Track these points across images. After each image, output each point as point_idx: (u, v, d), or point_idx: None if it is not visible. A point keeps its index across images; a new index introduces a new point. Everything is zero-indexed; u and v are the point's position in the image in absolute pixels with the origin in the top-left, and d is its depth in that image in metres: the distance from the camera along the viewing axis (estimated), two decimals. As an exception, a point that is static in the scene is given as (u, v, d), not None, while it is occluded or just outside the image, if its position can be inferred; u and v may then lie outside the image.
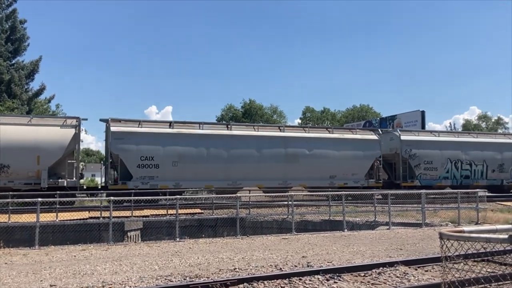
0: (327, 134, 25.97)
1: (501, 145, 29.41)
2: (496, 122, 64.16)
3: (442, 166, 27.46)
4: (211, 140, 22.93)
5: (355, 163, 25.41)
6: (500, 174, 28.80)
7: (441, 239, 3.70)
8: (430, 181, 26.94)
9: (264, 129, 25.54)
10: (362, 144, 25.94)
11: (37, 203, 12.82)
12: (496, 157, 28.73)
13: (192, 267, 8.80)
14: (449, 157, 27.70)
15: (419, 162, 26.97)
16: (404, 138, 27.25)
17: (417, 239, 12.82)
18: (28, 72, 40.21)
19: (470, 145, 28.44)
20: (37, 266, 9.27)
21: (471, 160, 28.14)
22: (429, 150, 27.28)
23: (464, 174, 27.99)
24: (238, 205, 15.09)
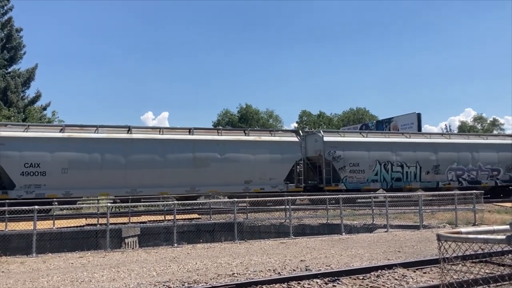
0: (242, 137, 24.31)
1: (437, 145, 27.76)
2: (492, 123, 64.42)
3: (370, 168, 25.80)
4: (107, 145, 21.28)
5: (273, 167, 23.83)
6: (435, 176, 27.11)
7: (439, 240, 3.71)
8: (357, 184, 25.39)
9: (171, 132, 23.71)
10: (281, 147, 24.33)
11: (34, 210, 12.77)
12: (431, 158, 27.13)
13: (190, 272, 8.77)
14: (378, 159, 26.00)
15: (344, 165, 25.33)
16: (327, 139, 25.58)
17: (415, 241, 12.84)
18: (24, 80, 40.19)
19: (401, 146, 26.85)
20: (35, 274, 9.22)
21: (403, 161, 26.53)
22: (355, 152, 25.69)
23: (395, 176, 26.38)
24: (236, 210, 15.07)
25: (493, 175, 28.41)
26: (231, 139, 23.73)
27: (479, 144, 28.70)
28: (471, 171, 27.95)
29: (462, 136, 31.24)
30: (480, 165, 28.17)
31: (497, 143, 29.24)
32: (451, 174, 27.43)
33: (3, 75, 37.89)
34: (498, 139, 30.98)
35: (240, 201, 16.58)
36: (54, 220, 16.16)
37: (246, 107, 65.81)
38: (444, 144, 27.87)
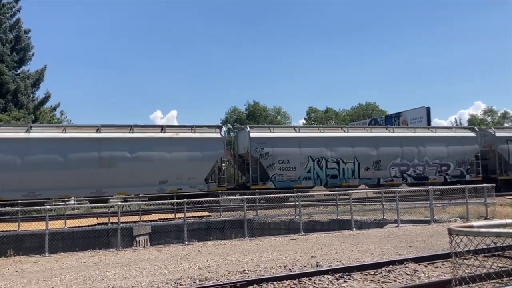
0: (156, 134, 22.69)
1: (378, 139, 26.08)
2: (502, 116, 63.71)
3: (302, 165, 24.31)
4: (2, 145, 19.85)
5: (191, 166, 22.33)
6: (376, 172, 25.55)
7: (450, 235, 3.69)
8: (288, 182, 23.88)
9: (74, 130, 22.13)
10: (201, 144, 22.87)
11: (46, 210, 12.92)
12: (371, 153, 25.55)
13: (202, 270, 8.81)
14: (311, 155, 24.54)
15: (273, 162, 23.91)
16: (254, 135, 24.18)
17: (426, 235, 12.77)
18: (34, 81, 40.51)
19: (337, 141, 25.28)
20: (48, 273, 9.32)
21: (339, 157, 24.97)
22: (285, 148, 24.21)
23: (330, 173, 24.82)
24: (245, 207, 15.09)
25: (442, 170, 26.93)
26: (143, 137, 22.19)
27: (426, 138, 27.23)
28: (417, 167, 26.51)
29: (407, 130, 29.56)
30: (427, 160, 26.72)
31: (446, 136, 27.79)
32: (394, 170, 26.00)
33: (13, 77, 38.23)
34: (449, 132, 29.32)
35: (249, 198, 16.58)
36: (65, 220, 16.32)
37: (254, 104, 65.74)
38: (386, 138, 26.33)
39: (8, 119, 32.44)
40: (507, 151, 27.98)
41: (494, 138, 28.21)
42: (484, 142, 28.69)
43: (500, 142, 28.04)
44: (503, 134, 28.87)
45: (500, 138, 28.19)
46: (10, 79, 37.09)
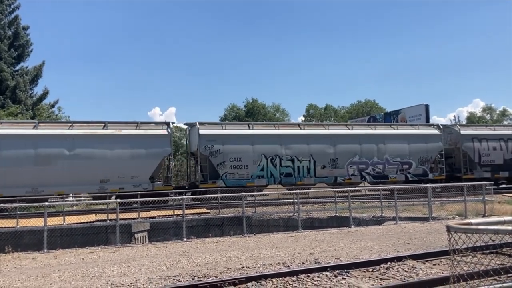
0: (98, 130, 21.62)
1: (335, 136, 25.12)
2: (501, 113, 63.71)
3: (255, 163, 23.50)
4: None
5: (135, 164, 21.43)
6: (333, 170, 24.70)
7: (448, 232, 3.69)
8: (239, 181, 23.05)
9: (9, 126, 21.08)
10: (146, 141, 21.94)
11: (44, 207, 12.91)
12: (328, 151, 24.73)
13: (200, 266, 8.82)
14: (264, 153, 23.71)
15: (224, 160, 23.10)
16: (203, 132, 23.27)
17: (424, 233, 12.80)
18: (32, 78, 40.45)
19: (292, 138, 24.43)
20: (46, 269, 9.32)
21: (294, 155, 24.15)
22: (237, 145, 23.36)
23: (284, 171, 24.03)
24: (244, 204, 15.11)
25: (404, 168, 25.96)
26: (82, 133, 21.20)
27: (386, 135, 26.25)
28: (377, 165, 25.60)
29: (367, 127, 28.34)
30: (388, 158, 25.77)
31: (408, 134, 26.77)
32: (352, 168, 25.16)
33: (12, 73, 38.15)
34: (411, 129, 28.07)
35: (248, 195, 16.58)
36: (64, 216, 16.31)
37: (252, 102, 65.71)
38: (343, 136, 25.39)
39: (5, 115, 32.37)
40: (473, 149, 27.36)
41: (460, 136, 27.50)
42: (450, 140, 28.13)
43: (466, 140, 27.38)
44: (469, 132, 28.15)
45: (465, 136, 27.49)
46: (8, 75, 37.04)
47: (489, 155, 27.64)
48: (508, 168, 27.83)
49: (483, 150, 27.50)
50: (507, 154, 28.07)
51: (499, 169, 27.68)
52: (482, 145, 27.58)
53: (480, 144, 27.54)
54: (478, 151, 27.42)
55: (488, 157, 27.59)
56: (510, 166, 27.92)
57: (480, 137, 27.78)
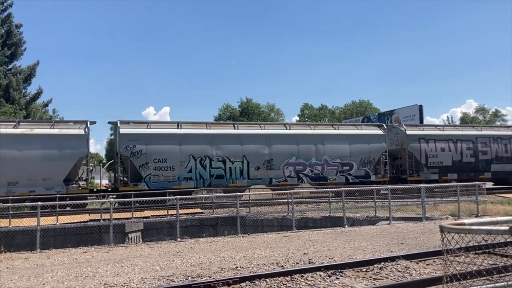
0: (6, 129, 20.22)
1: (270, 136, 24.10)
2: (494, 114, 64.15)
3: (182, 165, 22.34)
4: None
5: (47, 166, 20.09)
6: (268, 171, 23.72)
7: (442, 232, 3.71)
8: (164, 183, 21.88)
9: None
10: (60, 141, 20.57)
11: (37, 207, 12.83)
12: (262, 152, 23.68)
13: (194, 266, 8.80)
14: (193, 153, 22.57)
15: (147, 161, 21.80)
16: (124, 131, 21.97)
17: (417, 233, 12.85)
18: (25, 77, 40.19)
19: (223, 138, 23.35)
20: (39, 269, 9.27)
21: (225, 156, 23.09)
22: (162, 146, 22.12)
23: (215, 173, 22.92)
24: (238, 204, 15.10)
25: (344, 170, 25.00)
26: None
27: (325, 135, 25.24)
28: (315, 166, 24.58)
29: (305, 126, 27.05)
30: (327, 159, 24.78)
31: (349, 134, 25.79)
32: (288, 170, 24.11)
33: (5, 72, 37.90)
34: (353, 129, 27.08)
35: (242, 194, 16.57)
36: (57, 216, 16.22)
37: (247, 101, 65.77)
38: (279, 136, 24.34)
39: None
40: (419, 150, 26.45)
41: (405, 136, 26.55)
42: (396, 141, 27.32)
43: (412, 141, 26.47)
44: (415, 132, 27.19)
45: (411, 137, 26.56)
46: (1, 74, 36.77)
47: (436, 156, 26.72)
48: (457, 170, 26.94)
49: (431, 151, 26.65)
50: (456, 156, 27.16)
51: (448, 171, 26.74)
52: (430, 146, 26.71)
53: (427, 145, 26.68)
54: (425, 152, 26.53)
55: (435, 158, 26.69)
56: (459, 168, 27.08)
57: (428, 137, 26.92)
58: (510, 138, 28.56)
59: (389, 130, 27.87)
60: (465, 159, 27.25)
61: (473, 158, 27.47)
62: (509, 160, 28.23)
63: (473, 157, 27.48)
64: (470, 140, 27.62)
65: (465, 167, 27.15)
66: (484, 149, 27.77)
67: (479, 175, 26.92)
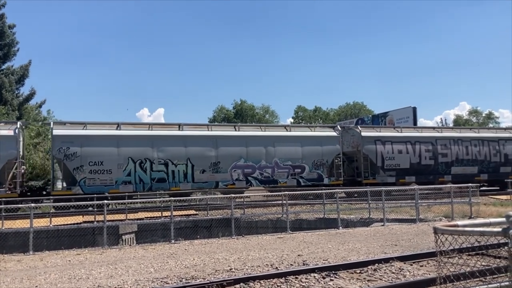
0: None
1: (217, 138, 23.22)
2: (487, 116, 64.51)
3: (120, 168, 21.31)
4: None
5: None
6: (214, 175, 22.83)
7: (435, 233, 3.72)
8: (101, 187, 20.78)
9: None
10: None
11: (30, 208, 12.75)
12: (208, 154, 22.75)
13: (188, 268, 8.78)
14: (132, 156, 21.54)
15: (82, 164, 20.71)
16: (58, 132, 21.00)
17: (411, 234, 12.89)
18: (18, 77, 39.95)
19: (166, 140, 22.35)
20: (32, 271, 9.21)
21: (168, 158, 22.10)
22: (98, 148, 20.95)
23: (156, 176, 21.99)
24: (233, 206, 15.08)
25: (296, 173, 24.17)
26: None
27: (276, 137, 24.45)
28: (265, 169, 23.77)
29: (255, 128, 25.93)
30: (277, 161, 23.97)
31: (301, 136, 25.03)
32: (236, 173, 23.27)
33: (-3, 72, 37.69)
34: (305, 130, 26.36)
35: (237, 196, 16.55)
36: (50, 218, 16.13)
37: (241, 103, 65.75)
38: (227, 137, 23.48)
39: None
40: (375, 152, 25.66)
41: (361, 138, 25.81)
42: (352, 143, 26.55)
43: (367, 143, 25.69)
44: (370, 133, 26.43)
45: (366, 138, 25.78)
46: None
47: (393, 158, 25.93)
48: (416, 173, 26.24)
49: (387, 153, 25.83)
50: (414, 158, 26.36)
51: (405, 174, 26.02)
52: (386, 147, 25.88)
53: (384, 146, 25.85)
54: (381, 154, 25.73)
55: (392, 161, 25.91)
56: (418, 171, 26.34)
57: (384, 139, 26.11)
58: (471, 140, 27.93)
59: (346, 132, 27.29)
60: (424, 161, 26.56)
61: (433, 161, 26.79)
62: (471, 162, 27.63)
63: (433, 160, 26.80)
64: (429, 142, 26.93)
65: (424, 170, 26.52)
66: (444, 151, 27.08)
67: (438, 178, 26.47)
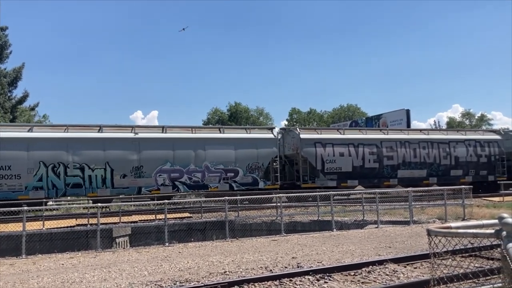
0: None
1: (140, 141, 21.77)
2: (480, 119, 64.96)
3: (31, 172, 19.96)
4: None
5: None
6: (137, 180, 21.50)
7: (429, 235, 3.73)
8: (8, 193, 19.55)
9: None
10: None
11: (23, 211, 12.66)
12: (130, 158, 21.40)
13: (182, 271, 8.75)
14: (44, 160, 20.15)
15: None
16: None
17: (405, 236, 12.93)
18: (11, 80, 39.73)
19: (83, 143, 20.91)
20: (25, 275, 9.14)
21: (84, 162, 20.68)
22: (5, 151, 19.62)
23: (71, 182, 20.57)
24: (227, 208, 15.06)
25: (228, 177, 23.03)
26: None
27: (207, 139, 23.09)
28: (194, 173, 22.55)
29: (183, 130, 24.00)
30: (208, 165, 22.73)
31: (234, 138, 23.71)
32: (162, 177, 21.99)
33: (-10, 75, 37.45)
34: (240, 132, 25.08)
35: (231, 199, 16.52)
36: (44, 221, 16.03)
37: (235, 105, 65.78)
38: (151, 140, 22.09)
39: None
40: (314, 155, 24.48)
41: (299, 141, 24.56)
42: (292, 145, 25.25)
43: (306, 145, 24.50)
44: (310, 135, 25.36)
45: (305, 140, 24.59)
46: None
47: (334, 161, 24.74)
48: (359, 176, 25.15)
49: (328, 156, 24.66)
50: (357, 161, 25.23)
51: (347, 177, 24.84)
52: (327, 150, 24.71)
53: (324, 149, 24.69)
54: (321, 157, 24.54)
55: (333, 164, 24.72)
56: (361, 174, 25.26)
57: (325, 141, 24.96)
58: (420, 142, 26.95)
59: (287, 134, 26.24)
60: (367, 164, 25.47)
61: (377, 164, 25.67)
62: (419, 165, 26.65)
63: (377, 163, 25.68)
64: (373, 144, 25.82)
65: (368, 173, 25.48)
66: (390, 153, 25.97)
67: (384, 181, 25.58)
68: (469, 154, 28.08)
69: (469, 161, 28.04)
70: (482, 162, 28.44)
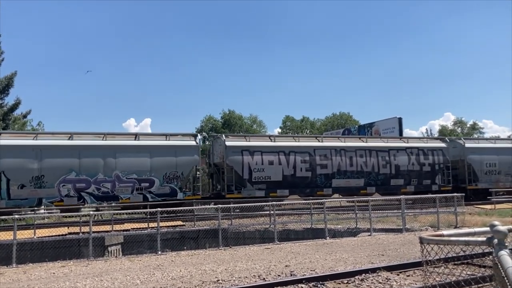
0: None
1: (41, 148, 20.22)
2: (471, 127, 65.42)
3: None
4: None
5: None
6: (37, 190, 19.95)
7: (421, 243, 3.75)
8: None
9: None
10: None
11: (14, 220, 12.55)
12: (29, 166, 19.85)
13: (175, 280, 8.71)
14: None
15: None
16: None
17: (398, 244, 12.96)
18: (3, 87, 39.52)
19: None
20: (15, 285, 9.04)
21: None
22: None
23: None
24: (220, 216, 15.03)
25: (142, 187, 21.55)
26: None
27: (118, 147, 21.50)
28: (103, 183, 20.98)
29: (94, 136, 22.23)
30: (119, 174, 21.17)
31: (150, 145, 22.12)
32: (66, 188, 20.39)
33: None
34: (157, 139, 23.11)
35: (224, 207, 16.48)
36: (35, 229, 15.89)
37: (229, 113, 65.80)
38: (54, 147, 20.46)
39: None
40: (241, 163, 23.31)
41: (225, 148, 23.43)
42: (220, 153, 24.24)
43: (232, 153, 23.36)
44: (236, 143, 24.19)
45: (231, 148, 23.45)
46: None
47: (263, 170, 23.59)
48: (289, 185, 24.05)
49: (256, 165, 23.49)
50: (287, 169, 24.09)
51: (277, 187, 23.78)
52: (255, 158, 23.54)
53: (252, 157, 23.52)
54: (248, 165, 23.35)
55: (262, 173, 23.58)
56: (292, 183, 24.15)
57: (253, 149, 23.76)
58: (357, 150, 25.77)
59: (215, 141, 25.43)
60: (299, 173, 24.29)
61: (310, 172, 24.51)
62: (355, 174, 25.50)
63: (310, 171, 24.52)
64: (306, 152, 24.66)
65: (300, 182, 24.34)
66: (324, 162, 24.81)
67: (317, 191, 24.45)
68: (411, 162, 26.69)
69: (411, 169, 26.63)
70: (426, 171, 26.99)
